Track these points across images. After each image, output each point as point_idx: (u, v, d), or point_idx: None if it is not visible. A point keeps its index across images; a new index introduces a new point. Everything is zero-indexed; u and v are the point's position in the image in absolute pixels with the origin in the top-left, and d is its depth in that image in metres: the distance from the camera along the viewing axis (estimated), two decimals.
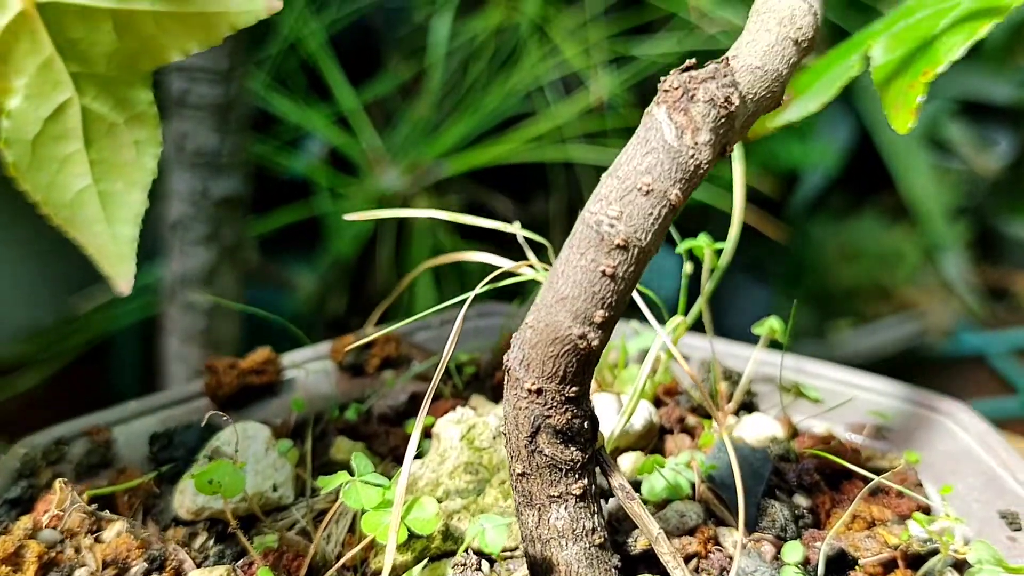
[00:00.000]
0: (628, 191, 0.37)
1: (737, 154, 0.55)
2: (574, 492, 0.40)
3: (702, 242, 0.55)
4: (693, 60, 0.33)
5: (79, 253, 0.31)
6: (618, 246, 0.37)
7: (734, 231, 0.57)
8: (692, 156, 0.36)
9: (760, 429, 0.57)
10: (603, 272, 0.37)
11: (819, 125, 1.35)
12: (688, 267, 0.57)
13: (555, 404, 0.39)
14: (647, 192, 0.37)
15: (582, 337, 0.38)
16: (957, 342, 1.63)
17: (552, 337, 0.38)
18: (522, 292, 0.57)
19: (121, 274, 0.30)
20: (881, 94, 0.31)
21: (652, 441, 0.56)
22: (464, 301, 0.44)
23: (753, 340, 0.62)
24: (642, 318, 0.50)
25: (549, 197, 0.99)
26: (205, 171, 0.76)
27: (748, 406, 0.62)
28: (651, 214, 0.37)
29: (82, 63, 0.28)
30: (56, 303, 1.09)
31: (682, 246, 0.56)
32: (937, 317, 1.52)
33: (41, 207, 0.29)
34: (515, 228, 0.53)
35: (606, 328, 0.38)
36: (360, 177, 0.90)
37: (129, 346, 1.15)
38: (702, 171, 0.37)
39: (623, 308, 0.39)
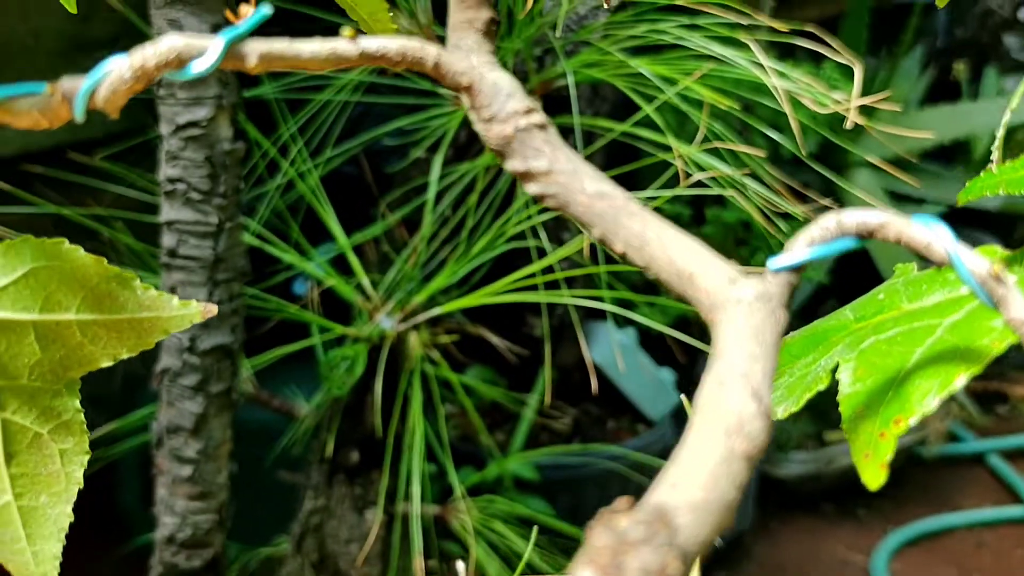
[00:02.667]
0: None
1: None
2: None
3: None
4: (626, 502, 0.27)
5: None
6: None
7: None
8: None
9: None
10: None
11: None
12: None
13: None
14: None
15: None
16: (956, 447, 1.61)
17: None
18: None
19: None
20: (848, 433, 0.30)
21: None
22: None
23: None
24: None
25: (542, 337, 1.00)
26: (195, 326, 0.77)
27: None
28: None
29: (3, 376, 0.29)
30: None
31: None
32: (936, 424, 1.50)
33: None
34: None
35: None
36: (354, 317, 0.91)
37: (133, 467, 1.15)
38: None
39: None
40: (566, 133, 0.98)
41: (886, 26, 2.00)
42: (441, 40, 0.95)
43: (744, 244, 1.36)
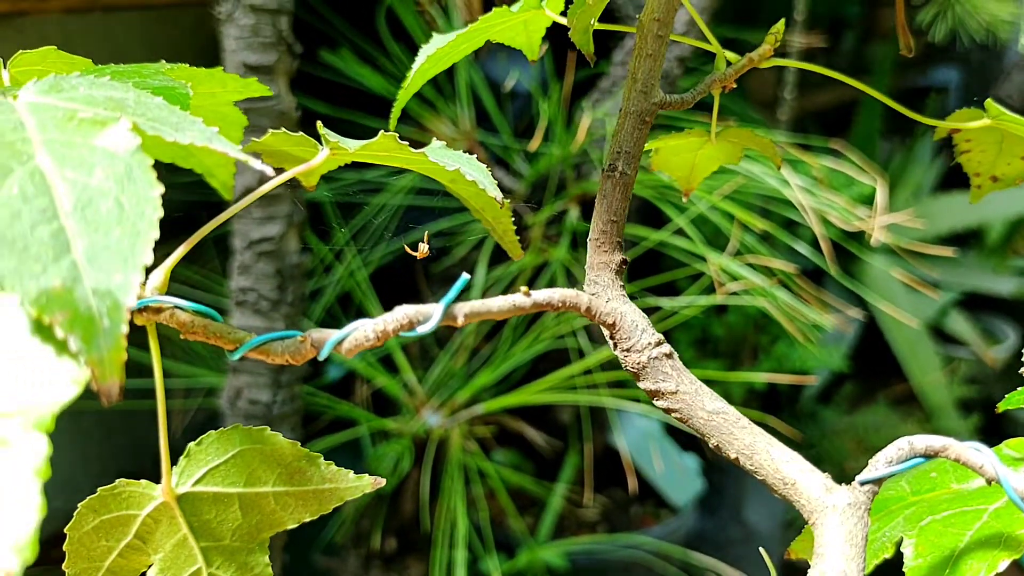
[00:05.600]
0: None
1: None
2: None
3: None
4: None
5: (119, 441, 0.35)
6: None
7: None
8: None
9: None
10: None
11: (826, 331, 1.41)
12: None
13: None
14: None
15: None
16: None
17: None
18: None
19: None
20: None
21: None
22: None
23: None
24: None
25: (581, 434, 1.04)
26: (256, 422, 0.82)
27: None
28: None
29: (211, 538, 0.34)
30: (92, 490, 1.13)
31: None
32: None
33: None
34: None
35: None
36: (401, 414, 0.96)
37: None
38: None
39: None
40: None
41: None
42: (482, 145, 1.02)
43: (764, 331, 1.42)
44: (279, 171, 0.34)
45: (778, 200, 1.02)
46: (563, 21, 0.38)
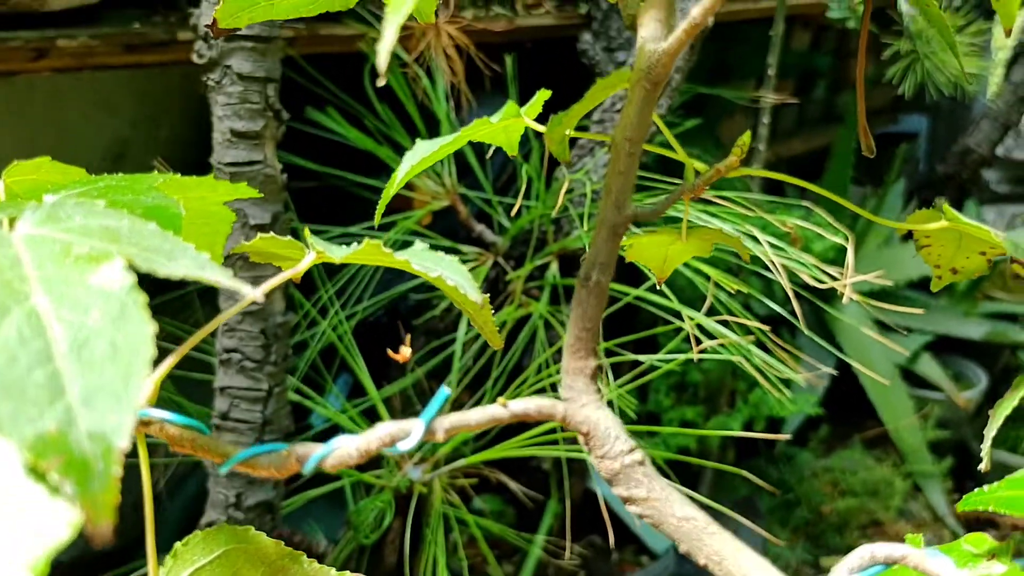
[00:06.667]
0: None
1: None
2: None
3: None
4: None
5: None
6: None
7: None
8: None
9: None
10: None
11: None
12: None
13: None
14: None
15: None
16: None
17: None
18: None
19: None
20: None
21: None
22: None
23: None
24: None
25: (561, 485, 1.05)
26: (240, 481, 0.82)
27: None
28: None
29: None
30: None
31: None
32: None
33: None
34: None
35: None
36: (383, 468, 0.96)
37: None
38: None
39: None
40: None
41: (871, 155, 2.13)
42: (464, 200, 1.03)
43: (740, 377, 1.43)
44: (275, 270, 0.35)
45: (753, 254, 1.04)
46: (540, 128, 0.39)
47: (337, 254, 0.34)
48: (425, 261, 0.36)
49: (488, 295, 0.39)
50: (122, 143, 1.10)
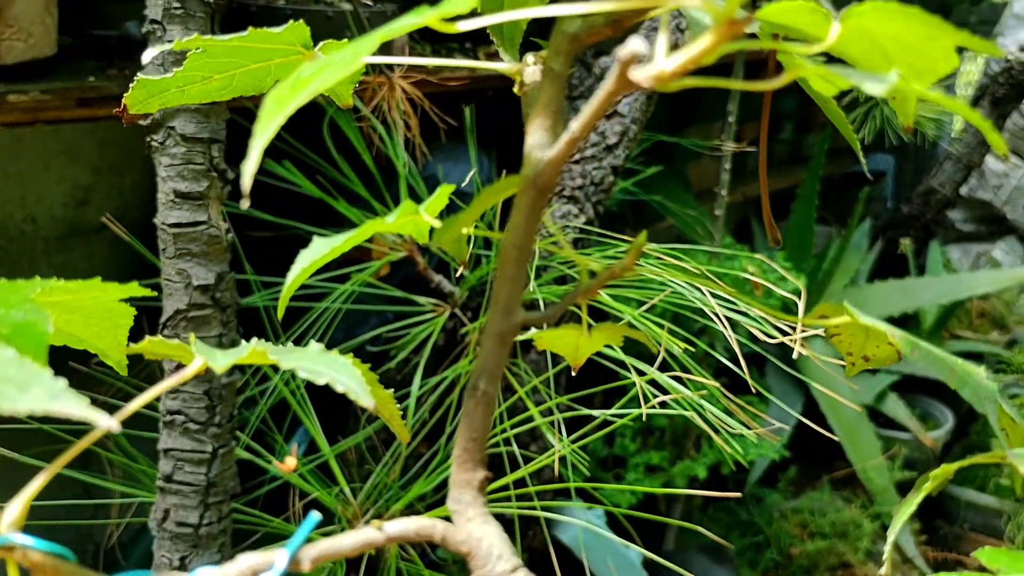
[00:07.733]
0: None
1: None
2: None
3: None
4: None
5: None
6: None
7: None
8: None
9: None
10: None
11: (768, 415, 1.44)
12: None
13: None
14: None
15: None
16: None
17: None
18: None
19: None
20: None
21: None
22: None
23: None
24: None
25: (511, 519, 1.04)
26: (184, 543, 0.81)
27: None
28: None
29: None
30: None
31: None
32: None
33: None
34: None
35: None
36: (336, 524, 0.95)
37: None
38: None
39: None
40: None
41: (836, 193, 2.15)
42: (421, 250, 1.02)
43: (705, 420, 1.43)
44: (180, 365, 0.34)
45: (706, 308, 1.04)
46: (438, 224, 0.39)
47: (221, 362, 0.34)
48: (316, 364, 0.36)
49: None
50: (85, 190, 1.10)
